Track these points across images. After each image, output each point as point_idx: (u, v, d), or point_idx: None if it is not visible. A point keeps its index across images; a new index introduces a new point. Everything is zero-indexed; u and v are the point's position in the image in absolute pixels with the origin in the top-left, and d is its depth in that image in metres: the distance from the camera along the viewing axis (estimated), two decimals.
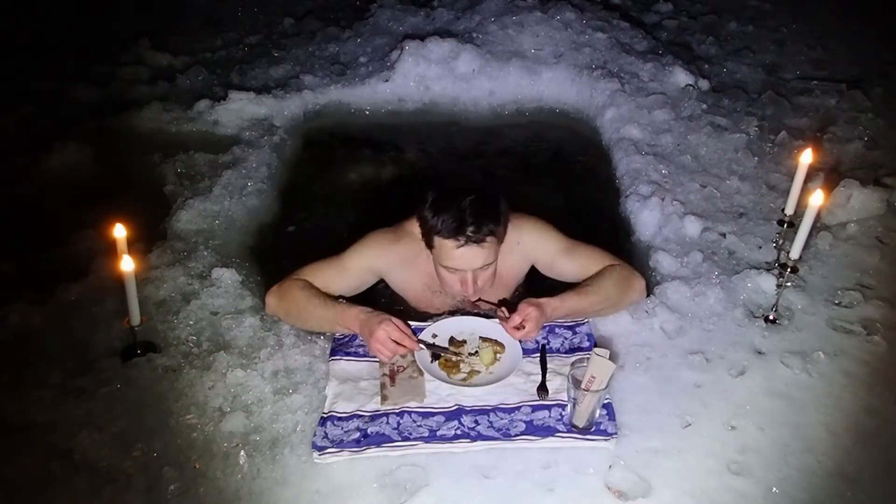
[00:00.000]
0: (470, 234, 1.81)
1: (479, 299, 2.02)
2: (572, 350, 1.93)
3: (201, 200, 2.62)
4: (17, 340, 1.97)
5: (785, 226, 2.21)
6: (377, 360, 1.88)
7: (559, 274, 2.10)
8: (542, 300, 1.88)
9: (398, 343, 1.81)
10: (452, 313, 2.07)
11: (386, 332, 1.81)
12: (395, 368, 1.86)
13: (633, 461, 1.63)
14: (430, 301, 2.14)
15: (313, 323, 1.98)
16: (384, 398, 1.77)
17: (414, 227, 2.03)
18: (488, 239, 1.85)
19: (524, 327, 1.85)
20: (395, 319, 1.84)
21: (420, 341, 1.87)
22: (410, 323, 1.96)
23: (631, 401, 1.79)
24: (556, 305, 1.89)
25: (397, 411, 1.74)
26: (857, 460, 1.68)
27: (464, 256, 1.85)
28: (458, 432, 1.68)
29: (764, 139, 3.02)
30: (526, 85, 3.61)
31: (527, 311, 1.84)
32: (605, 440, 1.66)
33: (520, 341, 1.90)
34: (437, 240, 1.86)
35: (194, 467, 1.63)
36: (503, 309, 1.93)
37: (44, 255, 2.36)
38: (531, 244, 2.08)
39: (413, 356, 1.88)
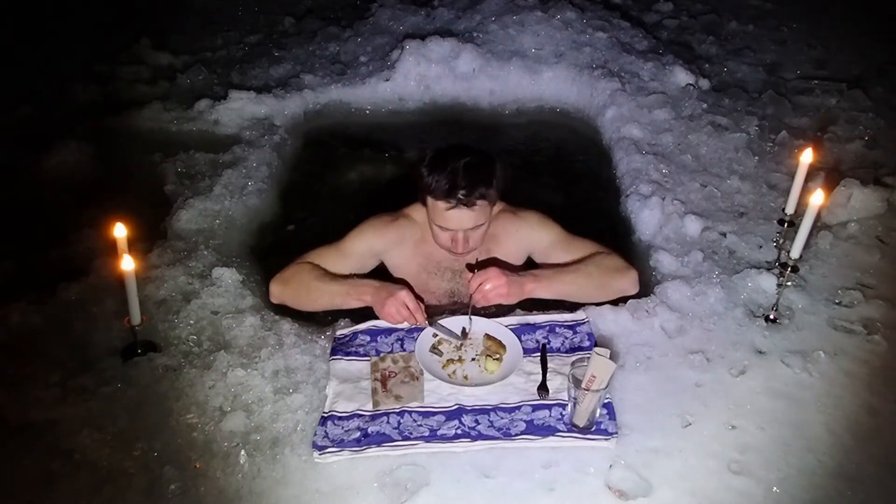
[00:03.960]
0: (461, 196, 1.86)
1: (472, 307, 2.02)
2: (573, 349, 1.93)
3: (202, 200, 2.62)
4: (17, 340, 1.97)
5: (785, 225, 2.21)
6: (371, 361, 1.89)
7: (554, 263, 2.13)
8: (514, 274, 1.93)
9: (411, 313, 1.86)
10: (453, 312, 2.07)
11: (403, 297, 1.86)
12: (387, 374, 1.85)
13: (633, 461, 1.63)
14: (425, 283, 2.16)
15: (324, 299, 2.00)
16: (376, 403, 1.77)
17: (412, 211, 2.12)
18: (479, 203, 1.89)
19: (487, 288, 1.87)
20: (411, 292, 1.89)
21: (431, 322, 1.91)
22: (413, 325, 1.98)
23: (631, 400, 1.79)
24: (534, 276, 1.94)
25: (398, 410, 1.74)
26: (857, 460, 1.68)
27: (454, 217, 1.90)
28: (459, 432, 1.68)
29: (764, 138, 3.02)
30: (526, 84, 3.61)
31: (489, 271, 1.88)
32: (606, 440, 1.66)
33: (520, 338, 1.91)
34: (430, 199, 1.92)
35: (195, 467, 1.63)
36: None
37: (44, 255, 2.36)
38: (530, 233, 2.13)
39: (405, 363, 1.89)
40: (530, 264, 2.19)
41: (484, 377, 1.84)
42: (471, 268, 2.00)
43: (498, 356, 1.88)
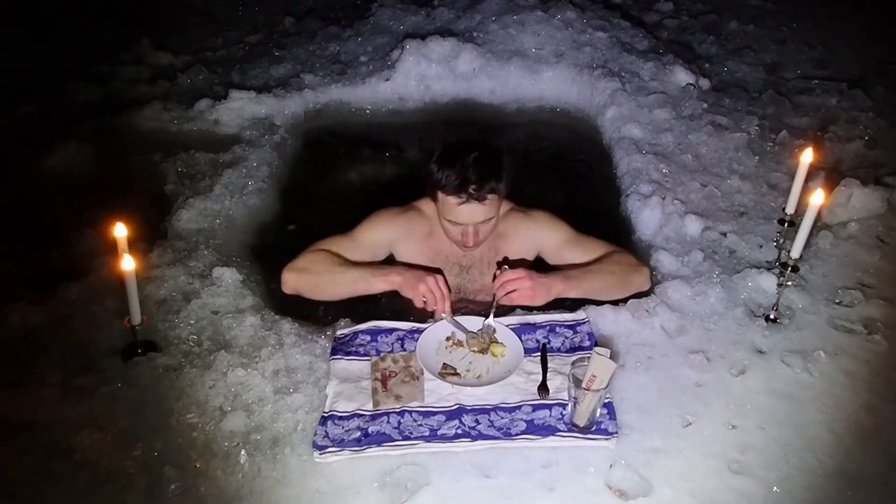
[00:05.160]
0: (472, 191, 1.87)
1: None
2: (573, 349, 1.93)
3: (202, 199, 2.62)
4: (18, 340, 1.97)
5: (786, 225, 2.21)
6: (371, 360, 1.90)
7: (565, 262, 2.15)
8: (543, 275, 1.93)
9: (443, 296, 1.88)
10: (454, 312, 2.07)
11: (439, 279, 1.89)
12: (388, 373, 1.86)
13: (633, 460, 1.63)
14: None
15: (346, 285, 2.00)
16: (376, 403, 1.77)
17: (420, 204, 2.13)
18: (489, 196, 1.90)
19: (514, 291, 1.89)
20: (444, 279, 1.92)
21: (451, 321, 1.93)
22: (414, 325, 1.99)
23: (632, 400, 1.79)
24: (563, 277, 1.94)
25: (398, 410, 1.74)
26: (857, 459, 1.68)
27: (465, 212, 1.91)
28: (459, 431, 1.68)
29: (765, 138, 3.02)
30: (527, 84, 3.61)
31: (516, 272, 1.89)
32: (606, 439, 1.66)
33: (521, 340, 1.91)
34: (441, 195, 1.92)
35: (195, 466, 1.63)
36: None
37: (44, 254, 2.35)
38: (540, 232, 2.15)
39: (405, 362, 1.89)
40: (540, 263, 2.19)
41: (496, 367, 1.85)
42: (500, 266, 2.01)
43: (488, 342, 1.91)
